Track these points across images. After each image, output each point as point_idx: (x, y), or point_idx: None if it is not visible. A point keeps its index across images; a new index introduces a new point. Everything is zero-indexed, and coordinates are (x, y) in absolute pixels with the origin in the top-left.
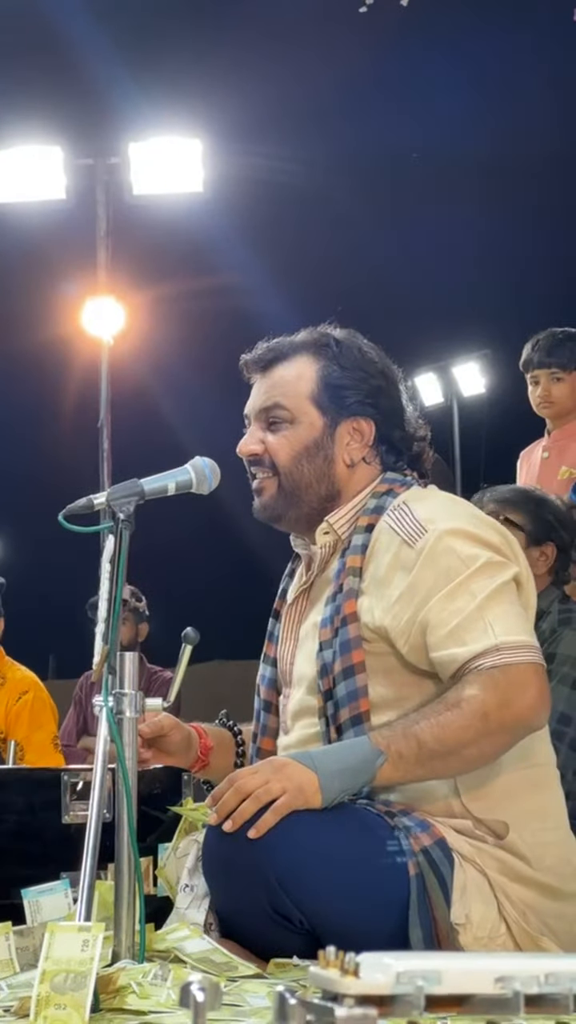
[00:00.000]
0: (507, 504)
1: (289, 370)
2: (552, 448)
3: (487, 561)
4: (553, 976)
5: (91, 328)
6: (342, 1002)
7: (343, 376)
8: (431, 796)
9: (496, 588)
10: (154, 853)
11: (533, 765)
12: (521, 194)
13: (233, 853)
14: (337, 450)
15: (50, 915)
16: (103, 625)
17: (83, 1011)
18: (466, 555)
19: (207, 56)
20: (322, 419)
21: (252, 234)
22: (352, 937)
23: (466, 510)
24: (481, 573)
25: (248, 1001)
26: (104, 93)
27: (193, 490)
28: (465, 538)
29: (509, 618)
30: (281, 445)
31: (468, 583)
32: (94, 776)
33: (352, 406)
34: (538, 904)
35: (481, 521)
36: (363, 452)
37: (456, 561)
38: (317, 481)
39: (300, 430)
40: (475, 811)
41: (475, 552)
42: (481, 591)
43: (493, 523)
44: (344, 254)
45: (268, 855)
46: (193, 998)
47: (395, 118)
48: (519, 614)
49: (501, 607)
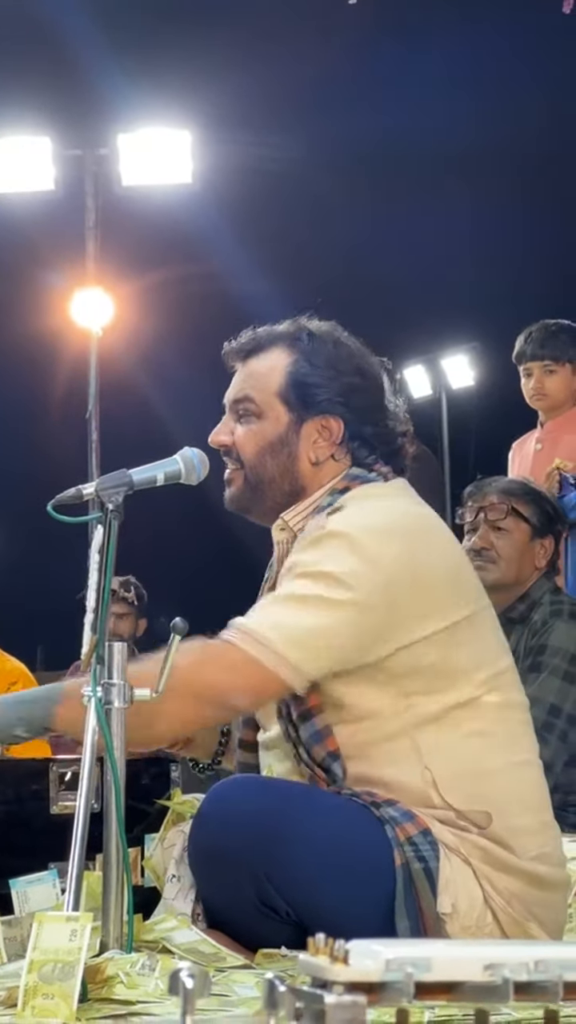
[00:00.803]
0: (513, 496)
1: (263, 363)
2: (545, 440)
3: (331, 572)
4: (542, 963)
5: (80, 319)
6: (331, 989)
7: (313, 373)
8: (407, 789)
9: (312, 596)
10: (141, 844)
11: (515, 755)
12: (511, 187)
13: (219, 844)
14: (302, 447)
15: (38, 905)
16: (91, 615)
17: (71, 1001)
18: (324, 556)
19: (197, 48)
20: (288, 415)
21: (241, 225)
22: (339, 928)
23: (380, 521)
24: (316, 577)
25: (236, 991)
26: (94, 84)
27: (182, 480)
28: (340, 544)
29: (286, 620)
30: (247, 439)
31: (299, 579)
32: (82, 767)
33: (321, 404)
34: (523, 893)
35: (381, 537)
36: (331, 450)
37: (316, 556)
38: (280, 477)
39: (266, 425)
40: (453, 802)
41: (337, 558)
42: (299, 589)
43: (386, 544)
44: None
45: (254, 846)
46: (182, 985)
47: (385, 109)
48: (300, 626)
49: (293, 611)
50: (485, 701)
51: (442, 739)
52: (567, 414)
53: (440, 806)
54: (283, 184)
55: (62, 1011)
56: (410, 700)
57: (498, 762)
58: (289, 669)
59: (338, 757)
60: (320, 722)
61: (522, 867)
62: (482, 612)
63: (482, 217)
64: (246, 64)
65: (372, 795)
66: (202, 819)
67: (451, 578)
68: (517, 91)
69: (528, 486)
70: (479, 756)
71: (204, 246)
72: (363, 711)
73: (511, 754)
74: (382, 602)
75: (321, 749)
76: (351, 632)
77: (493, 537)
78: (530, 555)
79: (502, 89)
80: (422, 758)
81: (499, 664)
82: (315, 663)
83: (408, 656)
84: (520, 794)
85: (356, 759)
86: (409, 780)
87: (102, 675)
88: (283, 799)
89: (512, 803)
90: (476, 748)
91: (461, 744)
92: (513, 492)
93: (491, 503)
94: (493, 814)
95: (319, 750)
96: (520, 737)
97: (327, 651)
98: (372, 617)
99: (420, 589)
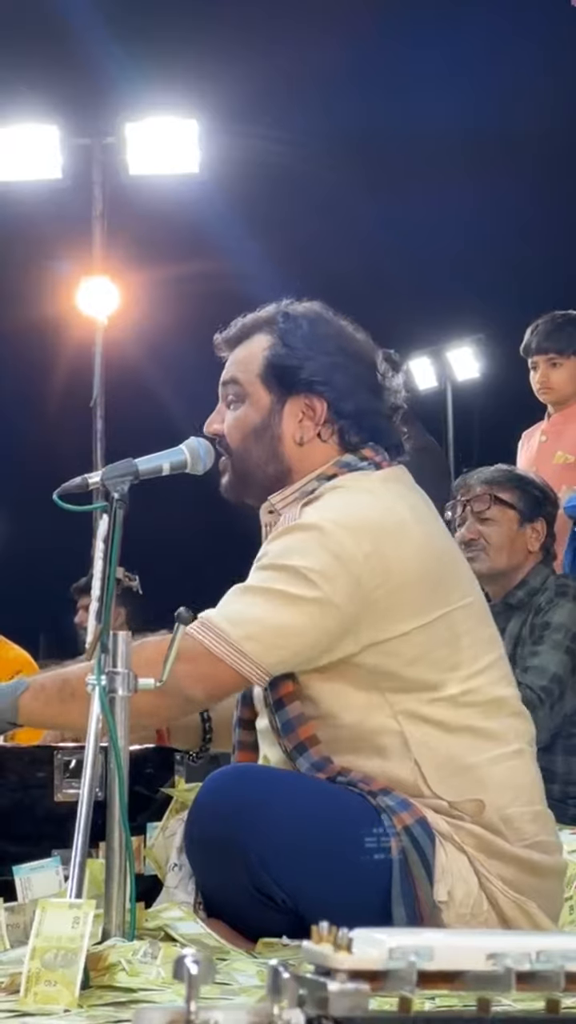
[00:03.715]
0: (495, 484)
1: (245, 348)
2: (550, 432)
3: (297, 567)
4: (544, 953)
5: (85, 308)
6: (335, 977)
7: (291, 354)
8: (398, 781)
9: (275, 590)
10: (144, 832)
11: (507, 746)
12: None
13: (215, 833)
14: (285, 428)
15: (41, 892)
16: (96, 604)
17: (73, 988)
18: (292, 548)
19: (204, 37)
20: (268, 396)
21: (247, 215)
22: (335, 916)
23: (354, 516)
24: (281, 570)
25: (237, 980)
26: (101, 73)
27: (188, 470)
28: (309, 537)
29: (245, 613)
30: (233, 427)
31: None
32: (86, 755)
33: (301, 383)
34: (518, 880)
35: (352, 533)
36: (316, 430)
37: (284, 548)
38: (266, 462)
39: (249, 409)
40: (443, 793)
41: (305, 552)
42: (263, 581)
43: (356, 541)
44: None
45: (249, 835)
46: (187, 970)
47: (393, 99)
48: (259, 620)
49: (254, 604)
50: (473, 696)
51: (430, 734)
52: (573, 407)
53: (431, 796)
54: (290, 174)
55: (64, 998)
56: (391, 696)
57: (489, 754)
58: (245, 662)
59: (305, 750)
60: (292, 711)
61: (516, 854)
62: (469, 607)
63: (489, 208)
64: (254, 54)
65: (368, 783)
66: (198, 808)
67: (427, 576)
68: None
69: (512, 473)
70: (468, 750)
71: (210, 236)
72: (340, 705)
73: (502, 746)
74: (347, 600)
75: (291, 740)
76: (311, 630)
77: (480, 527)
78: (521, 540)
79: (511, 80)
80: (410, 752)
81: (488, 657)
82: (272, 658)
83: (381, 654)
84: (512, 783)
85: (342, 753)
86: (399, 773)
87: (107, 663)
88: (278, 788)
89: (504, 792)
90: (465, 742)
91: (449, 739)
92: (496, 481)
93: (475, 494)
94: (486, 802)
95: (288, 741)
96: (511, 729)
97: (285, 648)
98: (336, 615)
99: (392, 588)
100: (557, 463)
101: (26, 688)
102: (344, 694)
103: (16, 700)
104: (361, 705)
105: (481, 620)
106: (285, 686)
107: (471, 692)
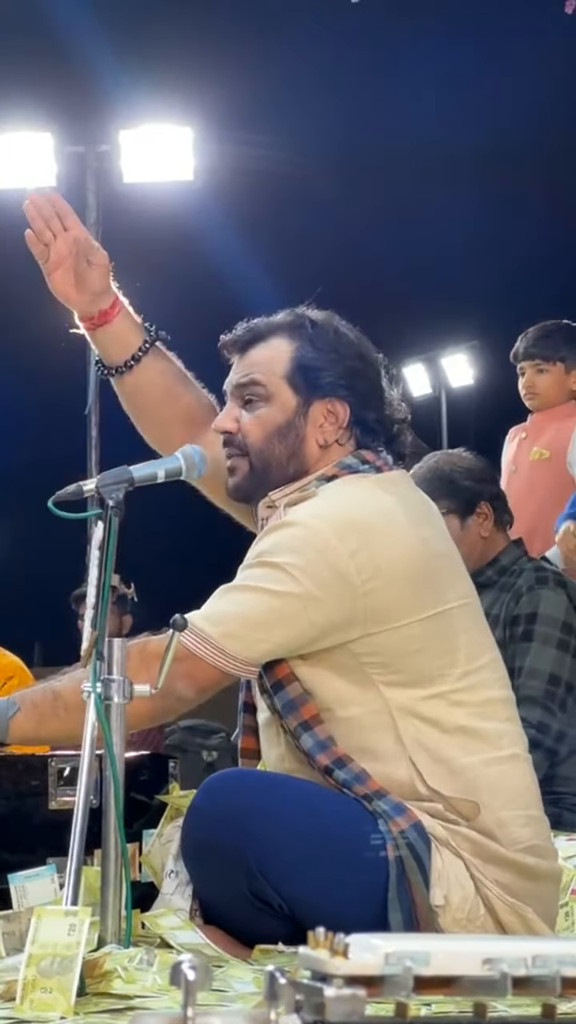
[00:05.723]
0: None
1: (265, 350)
2: (530, 429)
3: (279, 563)
4: (540, 958)
5: None
6: (331, 982)
7: (317, 357)
8: (395, 781)
9: (256, 587)
10: (139, 839)
11: (500, 751)
12: (512, 185)
13: (211, 838)
14: (310, 430)
15: (36, 900)
16: (91, 611)
17: (69, 995)
18: (278, 545)
19: (199, 45)
20: (295, 398)
21: (242, 222)
22: (331, 921)
23: (343, 514)
24: (263, 567)
25: (233, 986)
26: (96, 80)
27: (183, 477)
28: (296, 534)
29: (227, 611)
30: (254, 425)
31: (248, 569)
32: (81, 762)
33: (326, 387)
34: (514, 885)
35: (339, 530)
36: (337, 434)
37: (270, 545)
38: (287, 460)
39: (273, 409)
40: (440, 788)
41: (290, 549)
42: (245, 579)
43: (343, 538)
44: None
45: (246, 840)
46: (184, 976)
47: (387, 107)
48: (240, 617)
49: (236, 602)
50: (467, 696)
51: (424, 733)
52: (556, 408)
53: (428, 797)
54: (284, 181)
55: (60, 1005)
56: (386, 691)
57: (482, 756)
58: (228, 660)
59: (310, 728)
60: (293, 691)
61: (511, 858)
62: (461, 609)
63: (482, 215)
64: (249, 61)
65: (364, 786)
66: (194, 813)
67: (421, 574)
68: (523, 92)
69: (434, 477)
70: (461, 751)
71: (205, 243)
72: (336, 699)
73: (496, 749)
74: (332, 595)
75: (295, 718)
76: (295, 623)
77: None
78: (470, 535)
79: (504, 87)
80: (405, 750)
81: (481, 659)
82: (254, 652)
83: (377, 643)
84: (506, 786)
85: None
86: (395, 771)
87: (102, 671)
88: (275, 793)
89: (498, 796)
90: (458, 742)
91: (444, 739)
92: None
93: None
94: (481, 805)
95: (292, 719)
96: (505, 733)
97: (267, 641)
98: (320, 608)
99: (383, 583)
100: (533, 459)
101: (17, 709)
102: (340, 688)
103: (7, 722)
104: (357, 700)
105: (478, 623)
106: (281, 668)
107: (465, 690)
